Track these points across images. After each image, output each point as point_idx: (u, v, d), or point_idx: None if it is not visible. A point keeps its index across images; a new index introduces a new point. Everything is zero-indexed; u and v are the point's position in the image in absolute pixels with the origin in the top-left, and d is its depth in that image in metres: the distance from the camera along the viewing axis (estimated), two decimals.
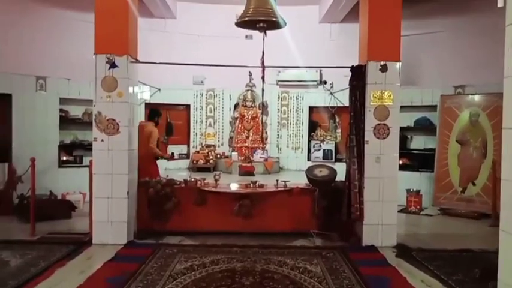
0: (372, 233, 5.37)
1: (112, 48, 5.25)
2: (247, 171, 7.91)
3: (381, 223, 5.37)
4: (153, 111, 6.40)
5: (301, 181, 6.11)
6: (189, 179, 5.94)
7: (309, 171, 5.61)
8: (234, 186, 5.93)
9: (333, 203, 5.55)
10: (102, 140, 5.29)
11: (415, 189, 7.60)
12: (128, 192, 5.33)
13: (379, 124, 5.36)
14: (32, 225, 5.66)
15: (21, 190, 6.75)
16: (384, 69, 5.39)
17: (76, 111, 8.06)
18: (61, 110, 8.01)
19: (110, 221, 5.30)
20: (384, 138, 5.37)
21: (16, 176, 6.79)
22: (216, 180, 5.91)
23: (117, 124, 5.29)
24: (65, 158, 7.97)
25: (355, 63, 5.61)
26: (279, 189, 5.70)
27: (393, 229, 5.40)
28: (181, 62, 6.17)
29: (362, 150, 5.39)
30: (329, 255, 4.91)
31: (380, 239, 5.35)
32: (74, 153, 8.06)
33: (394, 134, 5.40)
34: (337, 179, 5.65)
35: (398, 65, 5.40)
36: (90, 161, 5.37)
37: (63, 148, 7.95)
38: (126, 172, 5.31)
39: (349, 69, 5.54)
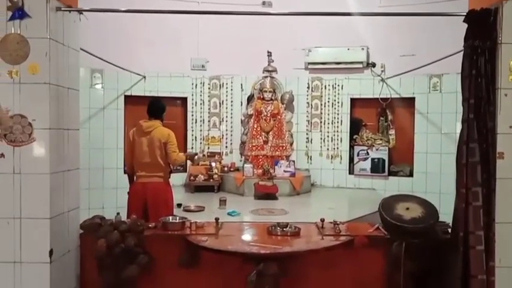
0: None
1: None
2: (266, 193, 5.68)
3: None
4: (158, 104, 4.34)
5: (355, 210, 4.83)
6: (170, 219, 3.48)
7: (387, 208, 3.18)
8: (246, 236, 3.55)
9: (431, 268, 3.11)
10: (2, 155, 2.83)
11: None
12: (51, 253, 2.87)
13: None
14: None
15: None
16: None
17: None
18: None
19: None
20: None
21: None
22: (216, 222, 3.45)
23: (30, 125, 2.83)
24: None
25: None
26: (328, 240, 3.25)
27: None
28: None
29: (492, 172, 2.86)
30: None
31: None
32: None
33: None
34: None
35: None
36: None
37: None
38: (48, 215, 2.87)
39: (461, 19, 2.95)
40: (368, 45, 6.60)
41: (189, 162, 5.69)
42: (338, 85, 6.89)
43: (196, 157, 4.33)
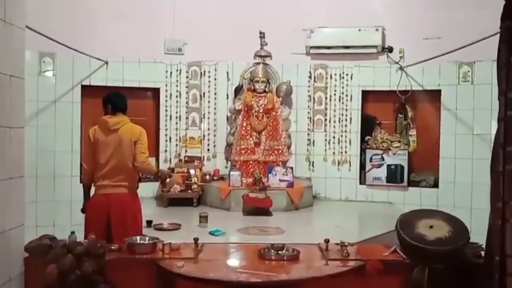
0: None
1: None
2: (258, 208, 5.73)
3: None
4: (123, 96, 4.38)
5: (367, 228, 5.25)
6: (138, 240, 3.51)
7: (406, 226, 3.33)
8: (233, 260, 3.61)
9: None
10: None
11: None
12: None
13: None
14: None
15: None
16: None
17: None
18: None
19: None
20: None
21: None
22: (195, 243, 3.48)
23: None
24: None
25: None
26: (333, 266, 3.33)
27: None
28: None
29: None
30: None
31: None
32: None
33: None
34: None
35: None
36: None
37: None
38: None
39: None
40: (384, 26, 6.67)
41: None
42: (347, 74, 6.98)
43: (168, 180, 4.39)
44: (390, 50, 6.76)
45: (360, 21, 6.61)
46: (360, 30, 6.67)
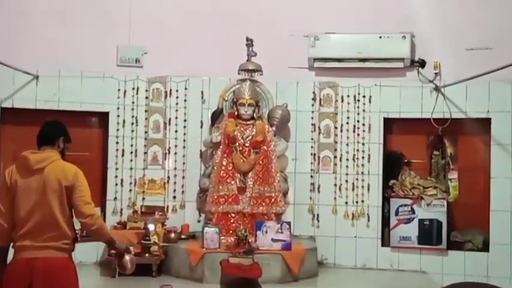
0: None
1: None
2: (242, 279, 5.55)
3: None
4: (54, 124, 4.33)
5: None
6: None
7: None
8: None
9: None
10: None
11: None
12: None
13: None
14: None
15: None
16: None
17: None
18: None
19: None
20: None
21: None
22: None
23: None
24: None
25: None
26: None
27: None
28: None
29: None
30: None
31: None
32: None
33: None
34: None
35: None
36: None
37: None
38: None
39: None
40: (413, 32, 6.68)
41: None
42: (364, 96, 6.96)
43: (128, 258, 4.09)
44: (422, 64, 6.73)
45: (381, 25, 6.65)
46: (381, 37, 6.69)
